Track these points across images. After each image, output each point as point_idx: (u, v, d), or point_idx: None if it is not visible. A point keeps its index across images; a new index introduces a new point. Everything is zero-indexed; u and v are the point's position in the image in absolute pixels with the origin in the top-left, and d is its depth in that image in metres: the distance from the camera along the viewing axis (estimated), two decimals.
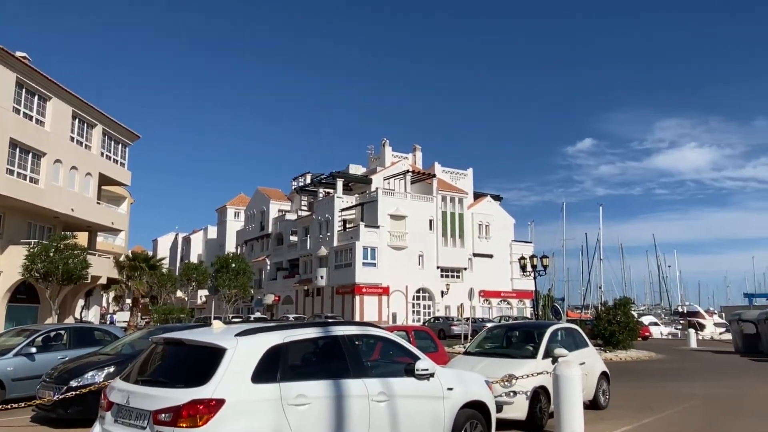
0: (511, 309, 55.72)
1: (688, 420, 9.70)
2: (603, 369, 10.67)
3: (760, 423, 9.39)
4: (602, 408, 10.22)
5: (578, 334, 10.92)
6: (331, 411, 4.85)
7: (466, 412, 6.11)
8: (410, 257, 50.53)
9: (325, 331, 5.39)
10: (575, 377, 7.67)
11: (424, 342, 12.35)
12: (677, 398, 12.00)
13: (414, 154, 59.39)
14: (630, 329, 24.97)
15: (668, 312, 66.79)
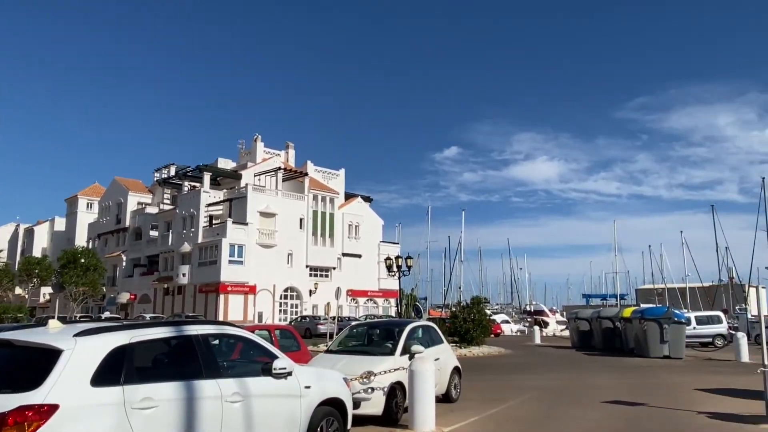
0: (377, 308, 57.06)
1: (528, 408, 10.61)
2: (456, 364, 11.32)
3: (586, 408, 10.52)
4: (454, 401, 10.83)
5: (434, 331, 11.49)
6: (181, 413, 4.67)
7: (323, 409, 6.18)
8: (279, 256, 49.86)
9: (178, 330, 5.18)
10: (429, 372, 8.08)
11: (287, 341, 12.29)
12: (521, 389, 13.06)
13: (287, 152, 58.75)
14: (483, 327, 26.70)
15: (518, 311, 72.29)
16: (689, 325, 26.49)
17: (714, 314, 30.31)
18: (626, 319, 24.72)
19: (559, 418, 9.65)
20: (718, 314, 30.20)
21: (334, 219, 54.73)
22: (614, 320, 26.47)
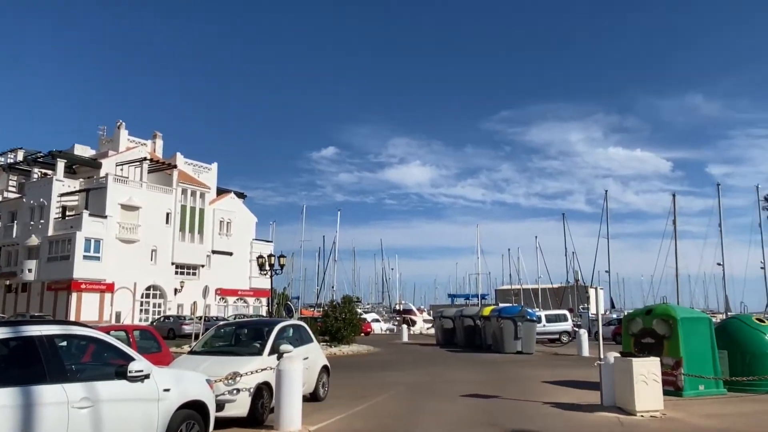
0: (247, 307, 55.60)
1: (393, 404, 10.96)
2: (325, 363, 11.39)
3: (447, 402, 11.10)
4: (321, 399, 10.89)
5: (305, 330, 11.48)
6: (19, 422, 4.25)
7: (183, 413, 5.94)
8: (142, 252, 46.80)
9: (16, 331, 4.71)
10: (297, 372, 8.06)
11: (147, 342, 11.65)
12: (387, 386, 13.43)
13: (154, 142, 55.30)
14: (354, 326, 27.09)
15: (388, 310, 74.23)
16: (540, 323, 28.86)
17: (561, 313, 33.27)
18: (485, 317, 26.37)
19: (422, 412, 10.07)
20: (564, 313, 33.20)
21: (204, 214, 52.48)
22: (475, 319, 28.10)
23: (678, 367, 11.46)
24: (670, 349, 11.65)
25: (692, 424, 8.84)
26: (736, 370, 12.13)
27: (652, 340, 12.04)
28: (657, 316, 12.19)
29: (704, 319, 12.49)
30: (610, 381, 10.15)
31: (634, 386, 9.41)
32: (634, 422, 8.94)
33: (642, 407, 9.38)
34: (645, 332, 12.28)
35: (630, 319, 13.19)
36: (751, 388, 11.77)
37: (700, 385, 11.51)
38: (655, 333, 12.04)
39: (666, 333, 11.82)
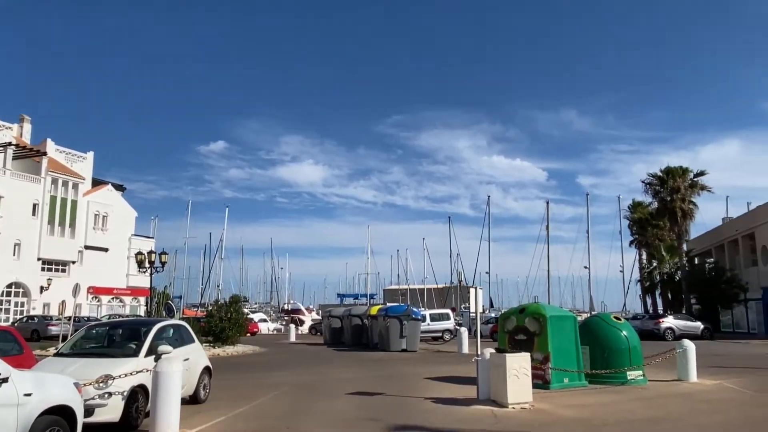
0: (124, 307, 52.31)
1: (277, 404, 10.85)
2: (206, 364, 11.03)
3: (332, 400, 11.17)
4: (202, 402, 10.54)
5: (185, 330, 11.05)
6: None
7: (46, 418, 5.53)
8: (3, 246, 42.46)
9: None
10: (175, 373, 7.74)
11: (6, 344, 10.60)
12: (271, 386, 13.25)
13: (21, 126, 50.30)
14: (239, 326, 26.43)
15: (277, 309, 73.13)
16: (424, 322, 29.83)
17: (444, 312, 34.62)
18: (373, 316, 26.83)
19: (306, 412, 10.07)
20: (447, 312, 34.58)
21: (77, 207, 48.62)
22: (363, 318, 28.49)
23: (546, 362, 12.36)
24: (539, 345, 12.55)
25: (557, 414, 9.59)
26: (596, 363, 13.31)
27: (525, 336, 12.89)
28: (529, 314, 13.07)
29: (570, 317, 13.58)
30: (486, 376, 10.75)
31: (507, 380, 10.04)
32: (506, 414, 9.53)
33: (513, 400, 10.03)
34: (518, 329, 13.13)
35: (505, 318, 14.03)
36: (608, 380, 12.97)
37: (564, 378, 12.50)
38: (527, 330, 12.90)
39: (537, 330, 12.71)
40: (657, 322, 35.44)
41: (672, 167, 45.52)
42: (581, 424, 8.85)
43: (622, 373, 13.11)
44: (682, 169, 45.20)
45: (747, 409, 10.40)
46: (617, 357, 13.31)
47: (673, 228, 46.16)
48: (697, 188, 44.75)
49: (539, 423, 8.87)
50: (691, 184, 44.70)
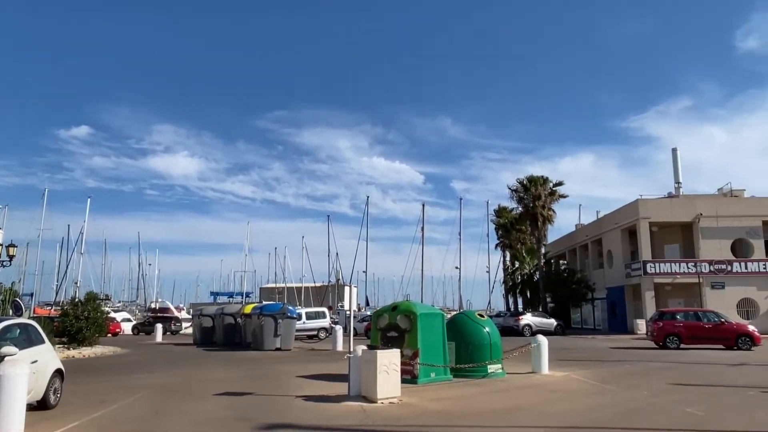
0: None
1: (137, 408, 10.24)
2: (58, 366, 10.16)
3: (199, 402, 10.77)
4: (52, 407, 9.69)
5: (34, 330, 10.11)
6: None
7: None
8: None
9: None
10: (20, 377, 7.09)
11: None
12: (132, 389, 12.50)
13: None
14: (98, 325, 24.63)
15: (143, 308, 68.92)
16: (300, 320, 29.72)
17: (320, 310, 34.72)
18: (247, 315, 26.24)
19: (169, 415, 9.62)
20: (323, 310, 34.71)
21: None
22: (236, 316, 27.76)
23: (415, 358, 12.86)
24: (409, 342, 13.02)
25: (422, 407, 10.01)
26: (461, 358, 14.08)
27: (396, 333, 13.31)
28: (401, 312, 13.52)
29: (439, 315, 14.23)
30: (357, 372, 10.96)
31: (377, 376, 10.32)
32: (374, 409, 9.79)
33: (383, 395, 10.32)
34: (390, 327, 13.52)
35: (378, 315, 14.39)
36: (471, 374, 13.77)
37: (432, 373, 13.08)
38: (398, 327, 13.33)
39: (407, 327, 13.18)
40: (517, 319, 38.15)
41: (535, 176, 49.20)
42: (444, 416, 9.33)
43: (483, 367, 13.98)
44: (543, 178, 49.00)
45: (589, 397, 11.54)
46: (480, 352, 14.18)
47: (533, 232, 49.90)
48: (556, 197, 48.74)
49: (405, 416, 9.21)
50: (551, 192, 48.60)
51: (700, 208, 38.98)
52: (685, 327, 25.26)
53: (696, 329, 25.20)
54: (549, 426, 8.59)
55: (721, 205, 39.78)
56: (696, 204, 39.72)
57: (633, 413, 9.74)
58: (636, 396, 11.54)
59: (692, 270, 37.25)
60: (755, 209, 39.27)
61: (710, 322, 25.52)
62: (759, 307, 37.31)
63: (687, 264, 38.01)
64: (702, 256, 38.05)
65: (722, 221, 38.64)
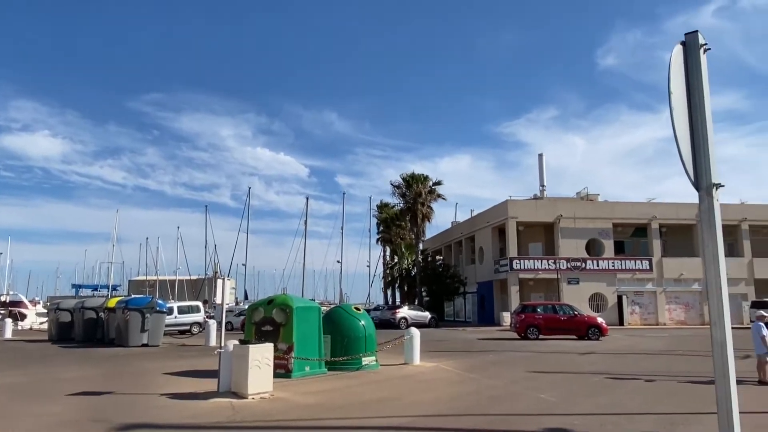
0: None
1: None
2: None
3: (49, 403, 9.84)
4: None
5: None
6: None
7: None
8: None
9: None
10: None
11: None
12: None
13: None
14: None
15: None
16: (171, 315, 28.31)
17: (194, 304, 33.23)
18: (111, 309, 24.50)
19: (13, 418, 8.73)
20: (197, 304, 33.26)
21: None
22: (99, 311, 25.82)
23: (290, 352, 12.75)
24: (284, 336, 12.89)
25: (294, 402, 9.95)
26: (337, 351, 14.19)
27: (271, 327, 13.11)
28: (277, 305, 13.34)
29: (315, 308, 14.22)
30: (228, 368, 10.66)
31: (249, 371, 10.10)
32: (244, 404, 9.57)
33: (254, 390, 10.12)
34: (265, 320, 13.30)
35: (253, 309, 14.09)
36: (346, 367, 13.92)
37: (306, 367, 13.05)
38: (273, 321, 13.14)
39: (283, 321, 13.03)
40: (394, 313, 39.17)
41: (416, 174, 50.73)
42: (315, 409, 9.35)
43: (357, 360, 14.20)
44: (424, 176, 50.67)
45: (455, 386, 12.13)
46: (355, 345, 14.38)
47: (413, 228, 51.48)
48: (435, 195, 50.61)
49: (276, 411, 9.11)
50: (431, 190, 50.38)
51: (560, 210, 42.38)
52: (543, 319, 27.37)
53: (553, 321, 27.39)
54: (415, 415, 8.91)
55: (578, 207, 43.50)
56: (557, 206, 43.13)
57: (494, 400, 10.38)
58: (497, 384, 12.31)
59: (552, 267, 40.43)
60: (607, 212, 43.41)
61: (566, 314, 27.87)
62: (608, 300, 41.36)
63: (548, 261, 41.18)
64: (561, 254, 41.40)
65: (579, 222, 42.30)
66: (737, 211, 43.56)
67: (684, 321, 42.01)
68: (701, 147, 2.89)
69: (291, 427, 8.10)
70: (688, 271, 42.44)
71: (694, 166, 2.89)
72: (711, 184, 2.85)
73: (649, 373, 14.29)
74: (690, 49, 2.99)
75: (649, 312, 42.14)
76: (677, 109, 2.90)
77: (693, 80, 2.96)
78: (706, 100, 2.93)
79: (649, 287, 42.24)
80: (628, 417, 8.87)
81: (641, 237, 44.23)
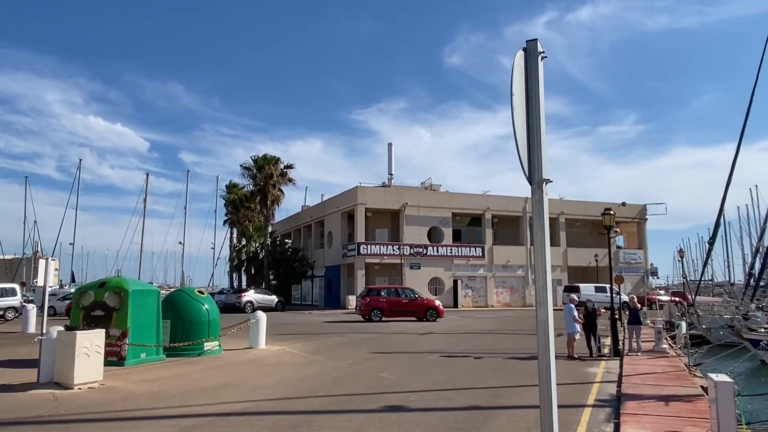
0: None
1: None
2: None
3: None
4: None
5: None
6: None
7: None
8: None
9: None
10: None
11: None
12: None
13: None
14: None
15: None
16: None
17: (9, 287, 29.60)
18: None
19: None
20: (13, 287, 29.68)
21: None
22: None
23: (124, 338, 11.94)
24: (118, 321, 12.03)
25: (127, 391, 9.36)
26: (177, 337, 13.57)
27: (103, 312, 12.15)
28: (110, 288, 12.38)
29: (154, 292, 13.43)
30: (51, 357, 9.73)
31: (75, 359, 9.30)
32: (69, 396, 8.81)
33: (81, 380, 9.35)
34: (96, 305, 12.28)
35: (82, 293, 12.93)
36: (186, 352, 13.37)
37: (142, 354, 12.31)
38: (106, 305, 12.19)
39: (117, 305, 12.14)
40: (239, 296, 38.27)
41: (268, 156, 49.72)
42: (151, 398, 8.88)
43: (199, 345, 13.71)
44: (275, 159, 49.83)
45: (300, 368, 12.24)
46: (197, 329, 13.85)
47: (263, 211, 50.50)
48: (286, 178, 50.06)
49: (106, 402, 8.50)
50: (282, 173, 49.72)
51: (406, 198, 44.30)
52: (387, 302, 28.54)
53: (396, 304, 28.68)
54: (260, 399, 8.86)
55: (422, 196, 45.80)
56: (403, 194, 45.02)
57: (337, 381, 10.66)
58: (341, 365, 12.65)
59: (397, 252, 42.20)
60: (447, 202, 46.26)
61: (407, 297, 29.33)
62: (445, 284, 44.23)
63: (393, 246, 42.90)
64: (405, 240, 43.35)
65: (422, 211, 44.58)
66: (556, 205, 48.88)
67: (509, 303, 46.35)
68: (535, 145, 3.24)
69: (121, 417, 7.62)
70: (514, 258, 46.86)
71: (529, 162, 3.23)
72: (542, 179, 3.21)
73: (478, 351, 15.61)
74: (530, 55, 3.32)
75: (480, 295, 45.82)
76: (517, 109, 3.22)
77: (531, 84, 3.30)
78: (541, 103, 3.28)
79: (481, 272, 45.91)
80: (458, 392, 9.65)
81: (476, 226, 47.83)
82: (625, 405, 8.42)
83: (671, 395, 9.22)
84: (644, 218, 53.32)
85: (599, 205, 37.16)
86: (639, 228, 53.88)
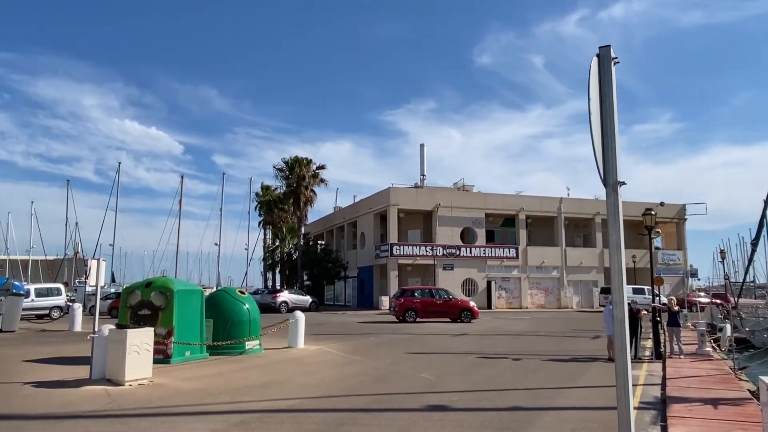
0: None
1: None
2: None
3: None
4: None
5: None
6: None
7: None
8: None
9: None
10: None
11: None
12: None
13: None
14: None
15: None
16: (28, 298, 25.89)
17: (54, 287, 30.61)
18: None
19: None
20: (58, 287, 30.67)
21: None
22: None
23: (169, 336, 12.28)
24: (164, 320, 12.37)
25: (174, 387, 9.65)
26: (219, 335, 13.88)
27: (149, 311, 12.52)
28: (156, 288, 12.75)
29: (197, 291, 13.78)
30: (102, 354, 10.08)
31: (126, 357, 9.62)
32: (121, 392, 9.12)
33: (131, 376, 9.67)
34: (143, 304, 12.66)
35: (129, 292, 13.34)
36: (229, 351, 13.67)
37: (186, 352, 12.65)
38: (152, 305, 12.56)
39: (162, 304, 12.50)
40: (274, 297, 38.76)
41: (300, 158, 50.25)
42: (199, 394, 9.13)
43: (240, 344, 14.00)
44: (307, 160, 50.33)
45: (340, 368, 12.40)
46: (239, 328, 14.15)
47: (296, 212, 51.06)
48: (318, 179, 50.52)
49: (156, 398, 8.78)
50: (314, 174, 50.19)
51: (439, 199, 44.23)
52: (421, 303, 28.56)
53: (429, 305, 28.67)
54: (303, 397, 9.03)
55: (455, 197, 45.66)
56: (436, 195, 44.96)
57: (377, 380, 10.77)
58: (379, 365, 12.76)
59: (429, 253, 42.17)
60: (480, 203, 46.02)
61: (441, 298, 29.29)
62: (478, 285, 43.99)
63: (426, 247, 42.87)
64: (438, 241, 43.28)
65: (455, 212, 44.45)
66: (592, 205, 48.16)
67: (543, 305, 45.84)
68: (609, 149, 3.29)
69: (172, 413, 7.87)
70: (548, 259, 46.32)
71: (604, 165, 3.29)
72: (617, 181, 3.27)
73: (515, 352, 15.54)
74: (603, 61, 3.38)
75: (514, 296, 45.44)
76: (594, 114, 3.29)
77: (605, 89, 3.36)
78: (614, 108, 3.34)
79: (515, 273, 45.52)
80: (499, 393, 9.65)
81: (510, 227, 47.45)
82: (671, 407, 8.31)
83: (718, 398, 9.06)
84: (683, 218, 52.14)
85: (636, 205, 36.46)
86: (678, 228, 52.69)
